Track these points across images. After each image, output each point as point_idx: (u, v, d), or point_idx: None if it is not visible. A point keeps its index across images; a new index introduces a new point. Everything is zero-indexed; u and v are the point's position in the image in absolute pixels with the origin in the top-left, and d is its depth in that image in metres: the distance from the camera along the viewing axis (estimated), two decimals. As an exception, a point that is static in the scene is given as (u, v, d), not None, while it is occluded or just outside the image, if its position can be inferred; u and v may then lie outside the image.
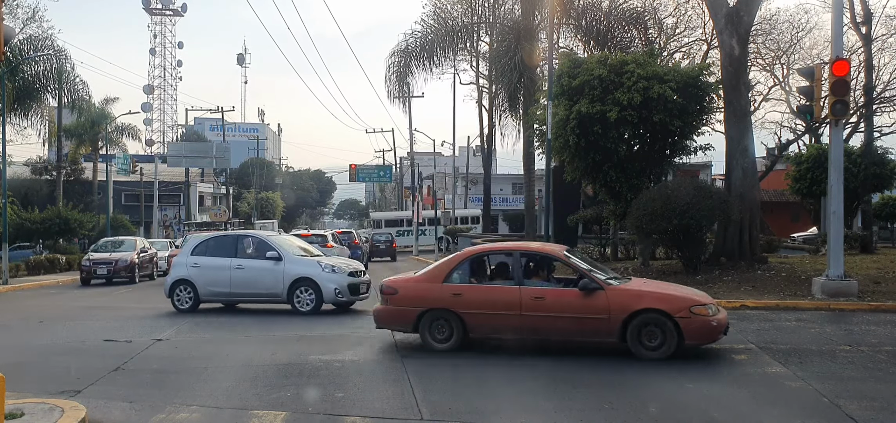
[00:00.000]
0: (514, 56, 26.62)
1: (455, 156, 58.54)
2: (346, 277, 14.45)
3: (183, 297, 15.08)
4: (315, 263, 14.76)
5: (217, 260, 15.00)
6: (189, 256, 15.31)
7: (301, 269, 14.52)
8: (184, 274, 15.11)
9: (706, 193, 17.35)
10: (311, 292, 14.29)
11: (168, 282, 15.42)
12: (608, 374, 8.66)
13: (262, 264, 14.69)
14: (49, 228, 34.69)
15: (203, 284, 14.95)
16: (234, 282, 14.78)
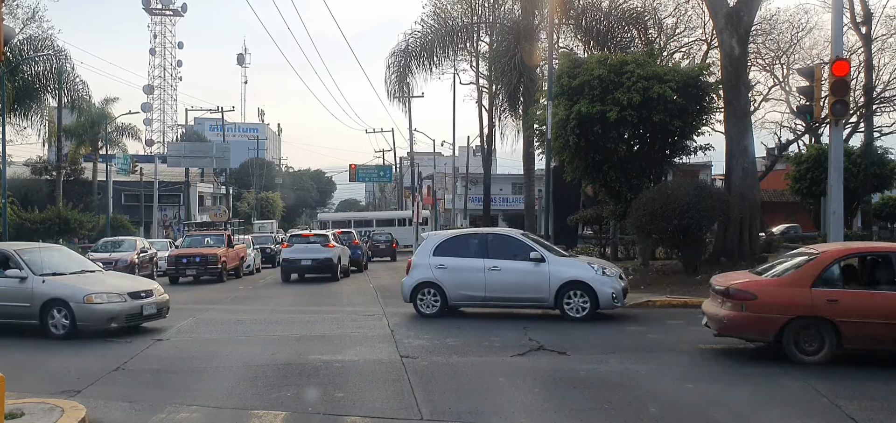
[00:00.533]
0: (514, 56, 26.63)
1: (455, 156, 58.49)
2: (618, 281, 13.12)
3: (428, 301, 13.57)
4: (586, 265, 13.43)
5: (467, 261, 13.50)
6: (432, 256, 13.71)
7: (572, 271, 13.07)
8: (428, 276, 13.57)
9: (706, 193, 17.36)
10: (584, 296, 12.83)
11: (408, 284, 13.79)
12: (608, 374, 8.66)
13: (522, 265, 13.18)
14: (49, 228, 34.70)
15: (453, 287, 13.47)
16: (489, 285, 13.28)
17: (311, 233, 28.26)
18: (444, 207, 62.70)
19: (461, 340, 11.01)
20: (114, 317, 11.62)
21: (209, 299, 18.57)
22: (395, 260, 42.44)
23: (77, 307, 11.49)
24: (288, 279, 24.86)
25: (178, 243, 30.27)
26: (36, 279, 11.78)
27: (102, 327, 11.60)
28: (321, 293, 20.08)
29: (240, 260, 27.80)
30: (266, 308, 16.15)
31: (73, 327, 11.51)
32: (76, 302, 11.50)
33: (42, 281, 11.77)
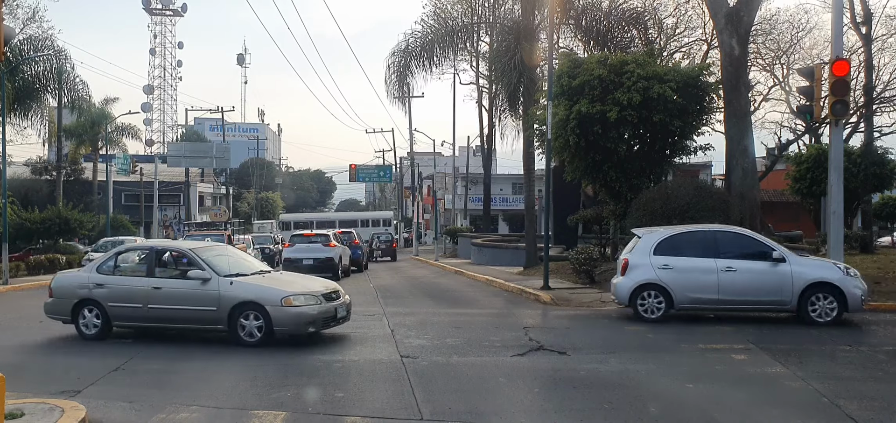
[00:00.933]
0: (514, 56, 26.61)
1: (455, 156, 58.55)
2: (862, 281, 12.12)
3: (650, 305, 12.38)
4: (831, 265, 12.38)
5: (696, 261, 12.34)
6: (652, 255, 12.49)
7: (817, 272, 12.01)
8: (651, 277, 12.38)
9: (706, 193, 17.37)
10: (831, 300, 11.70)
11: (627, 285, 12.61)
12: (608, 374, 8.66)
13: (759, 265, 12.14)
14: (49, 228, 34.67)
15: (680, 289, 12.29)
16: (723, 287, 12.12)
17: (312, 233, 28.34)
18: (444, 207, 62.68)
19: (461, 340, 11.00)
20: (312, 321, 10.66)
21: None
22: (395, 260, 42.50)
23: (274, 311, 10.49)
24: None
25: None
26: (222, 281, 10.88)
27: (301, 332, 10.64)
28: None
29: (240, 260, 27.70)
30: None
31: (269, 332, 10.51)
32: (273, 305, 10.50)
33: (229, 283, 10.86)
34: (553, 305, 15.50)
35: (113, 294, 11.36)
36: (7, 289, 22.76)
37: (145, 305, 11.08)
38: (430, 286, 22.28)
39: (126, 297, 11.31)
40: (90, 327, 11.42)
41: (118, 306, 11.34)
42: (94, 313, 11.43)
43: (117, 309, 11.37)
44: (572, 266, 20.11)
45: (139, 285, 11.32)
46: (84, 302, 11.47)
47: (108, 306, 11.34)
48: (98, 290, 11.42)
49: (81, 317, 11.49)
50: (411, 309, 15.39)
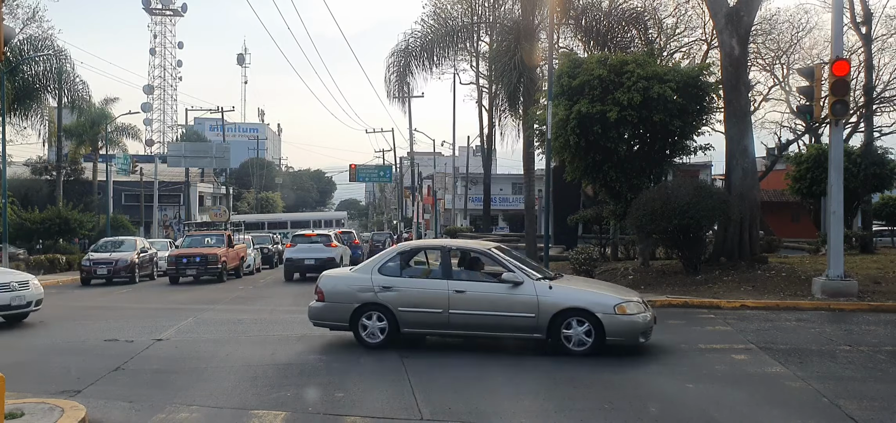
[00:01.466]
0: (514, 56, 26.59)
1: (455, 156, 58.55)
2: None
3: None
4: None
5: None
6: None
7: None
8: None
9: (706, 193, 17.35)
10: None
11: None
12: (608, 374, 8.65)
13: None
14: (49, 228, 34.69)
15: None
16: None
17: (313, 233, 28.41)
18: (444, 206, 62.68)
19: (461, 340, 11.00)
20: (644, 331, 9.73)
21: (209, 299, 18.57)
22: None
23: (607, 319, 9.53)
24: (290, 278, 24.98)
25: (179, 242, 30.27)
26: (538, 285, 9.90)
27: (633, 342, 9.71)
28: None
29: (240, 260, 27.81)
30: (266, 308, 16.15)
31: (601, 342, 9.53)
32: (605, 313, 9.57)
33: (548, 288, 9.88)
34: (553, 305, 15.47)
35: (404, 298, 10.20)
36: (7, 289, 22.72)
37: (446, 311, 9.98)
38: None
39: (421, 301, 10.14)
40: (375, 335, 10.23)
41: (411, 311, 10.16)
42: (379, 319, 10.26)
43: (410, 315, 10.17)
44: (572, 266, 20.12)
45: (436, 289, 10.14)
46: (367, 307, 10.29)
47: (398, 312, 10.17)
48: (386, 293, 10.24)
49: (363, 323, 10.30)
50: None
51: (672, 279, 17.46)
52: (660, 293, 15.85)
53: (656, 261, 21.08)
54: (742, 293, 15.09)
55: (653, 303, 14.65)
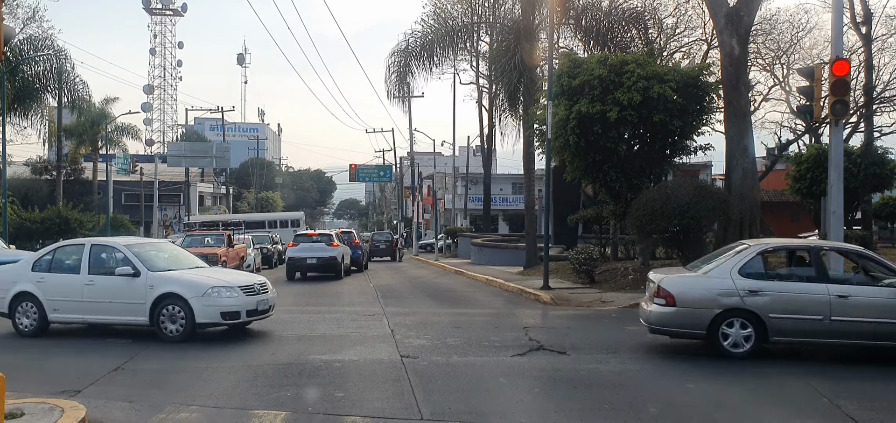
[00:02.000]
0: (514, 56, 26.60)
1: (455, 156, 58.54)
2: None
3: None
4: None
5: None
6: None
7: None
8: None
9: (706, 193, 17.36)
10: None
11: None
12: (608, 374, 8.66)
13: None
14: (49, 228, 34.70)
15: None
16: None
17: (315, 233, 28.52)
18: (444, 206, 62.69)
19: (461, 340, 11.00)
20: None
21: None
22: (395, 259, 42.52)
23: None
24: (292, 277, 25.09)
25: (178, 242, 30.26)
26: None
27: None
28: (321, 293, 20.09)
29: (240, 260, 27.80)
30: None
31: None
32: None
33: None
34: (553, 305, 15.51)
35: (777, 304, 9.29)
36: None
37: (827, 317, 9.13)
38: (429, 286, 22.28)
39: (798, 308, 9.26)
40: (740, 345, 9.40)
41: (786, 318, 9.30)
42: (743, 326, 9.41)
43: (784, 322, 9.31)
44: (572, 266, 20.12)
45: (815, 293, 9.26)
46: (730, 313, 9.43)
47: (769, 319, 9.29)
48: (753, 299, 9.30)
49: (724, 332, 9.44)
50: (411, 309, 15.39)
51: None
52: (660, 293, 15.84)
53: (656, 261, 21.04)
54: (742, 293, 15.05)
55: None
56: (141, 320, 11.23)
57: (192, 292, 11.03)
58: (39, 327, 11.70)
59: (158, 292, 11.10)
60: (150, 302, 11.09)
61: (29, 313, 11.76)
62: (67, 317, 11.77)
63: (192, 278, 11.40)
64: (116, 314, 11.43)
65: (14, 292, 11.81)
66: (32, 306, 11.74)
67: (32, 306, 11.74)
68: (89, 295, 11.48)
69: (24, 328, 11.74)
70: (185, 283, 11.21)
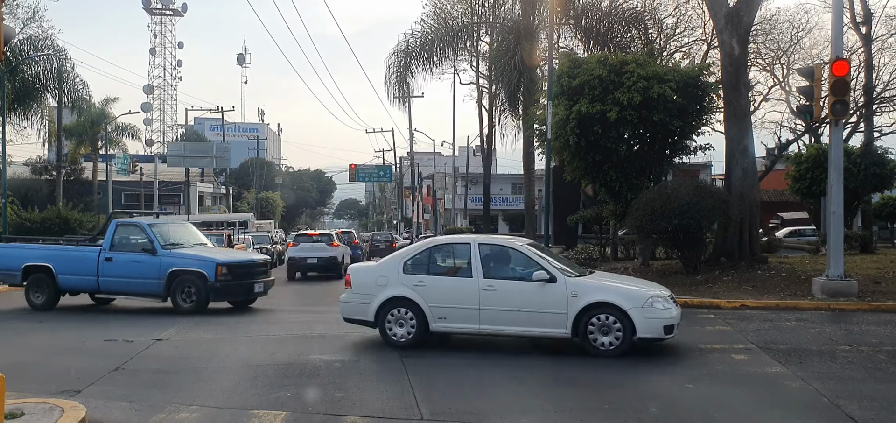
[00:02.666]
0: (514, 56, 26.63)
1: (455, 156, 58.51)
2: None
3: None
4: None
5: None
6: None
7: None
8: None
9: (706, 193, 17.36)
10: None
11: None
12: (608, 374, 8.65)
13: None
14: (49, 228, 34.66)
15: None
16: None
17: (315, 233, 28.67)
18: (443, 206, 62.67)
19: (461, 339, 11.00)
20: None
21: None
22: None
23: None
24: (293, 277, 25.15)
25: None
26: None
27: None
28: (321, 293, 20.09)
29: (240, 260, 27.78)
30: (266, 308, 16.14)
31: None
32: None
33: None
34: (553, 305, 15.47)
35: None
36: (7, 289, 22.72)
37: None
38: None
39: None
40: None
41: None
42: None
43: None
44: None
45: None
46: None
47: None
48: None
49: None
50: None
51: (672, 279, 17.44)
52: (660, 293, 15.85)
53: (656, 261, 21.08)
54: (742, 293, 15.08)
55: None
56: (560, 331, 9.73)
57: (630, 303, 9.51)
58: (418, 338, 10.16)
59: (585, 301, 9.59)
60: (574, 313, 9.58)
61: (405, 321, 10.21)
62: (457, 327, 10.18)
63: (624, 287, 10.07)
64: (526, 325, 9.87)
65: (384, 297, 10.31)
66: (409, 313, 10.18)
67: (409, 314, 10.18)
68: (488, 302, 9.91)
69: (399, 339, 10.22)
70: (619, 292, 9.75)
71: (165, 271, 14.52)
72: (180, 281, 14.53)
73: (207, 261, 14.64)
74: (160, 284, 14.55)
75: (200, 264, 14.62)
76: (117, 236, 15.19)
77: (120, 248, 15.04)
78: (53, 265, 15.32)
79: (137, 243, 14.99)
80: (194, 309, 14.29)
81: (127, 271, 14.83)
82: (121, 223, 15.70)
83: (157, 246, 14.67)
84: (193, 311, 14.20)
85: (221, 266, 14.49)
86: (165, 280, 14.51)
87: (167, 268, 14.54)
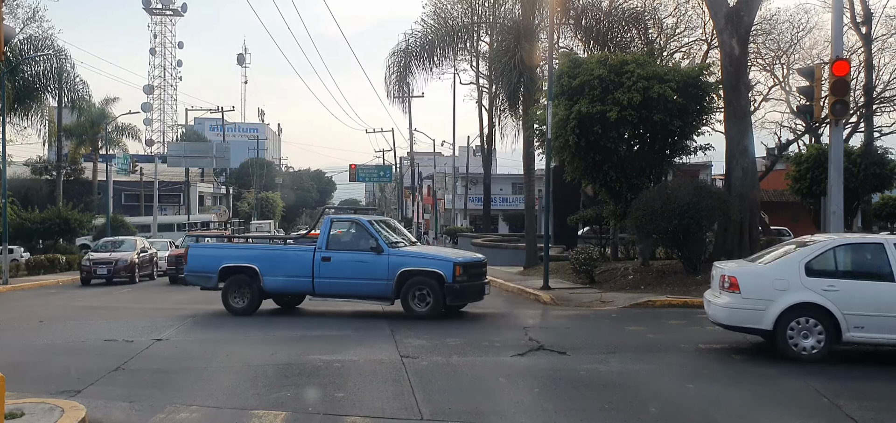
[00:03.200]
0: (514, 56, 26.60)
1: (455, 156, 58.53)
2: None
3: None
4: None
5: None
6: None
7: None
8: None
9: (706, 192, 17.36)
10: None
11: None
12: (608, 374, 8.65)
13: None
14: (49, 228, 34.70)
15: None
16: None
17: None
18: (444, 207, 62.69)
19: (461, 340, 11.00)
20: None
21: (209, 299, 18.52)
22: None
23: None
24: None
25: (178, 242, 30.27)
26: None
27: None
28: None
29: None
30: (266, 308, 16.14)
31: None
32: None
33: None
34: (553, 305, 15.51)
35: None
36: (7, 289, 22.77)
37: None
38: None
39: None
40: None
41: None
42: None
43: None
44: (572, 266, 20.12)
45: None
46: None
47: None
48: None
49: None
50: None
51: (672, 279, 17.46)
52: (660, 293, 15.87)
53: (656, 261, 21.06)
54: (742, 293, 15.05)
55: (653, 303, 14.73)
56: None
57: None
58: (827, 350, 9.07)
59: None
60: None
61: (812, 332, 9.09)
62: (876, 338, 9.09)
63: None
64: None
65: (787, 304, 9.16)
66: (816, 323, 9.08)
67: (816, 325, 9.08)
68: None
69: (802, 352, 9.10)
70: None
71: (395, 271, 13.27)
72: (413, 283, 13.25)
73: (445, 261, 13.43)
74: (388, 285, 13.32)
75: (437, 263, 13.36)
76: (333, 234, 14.03)
77: (337, 247, 13.89)
78: (258, 266, 14.03)
79: (358, 242, 13.79)
80: (429, 314, 13.04)
81: (349, 271, 13.57)
82: (336, 220, 14.54)
83: (382, 245, 13.48)
84: (428, 316, 12.99)
85: (459, 266, 13.20)
86: (394, 282, 13.28)
87: (397, 268, 13.28)
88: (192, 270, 14.73)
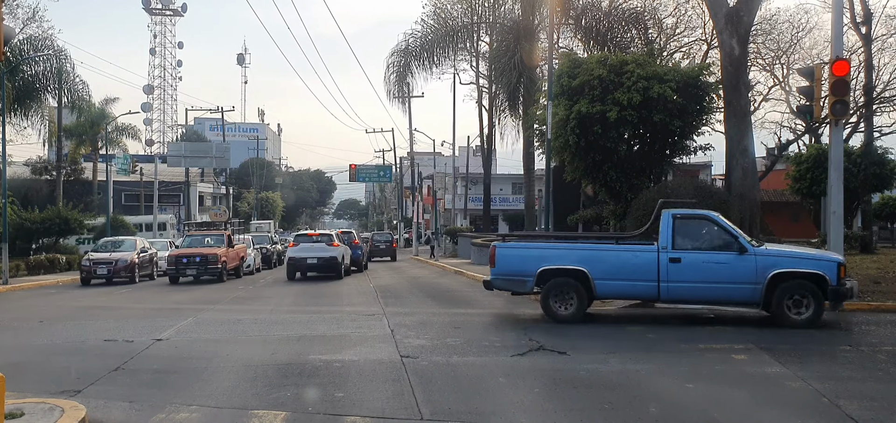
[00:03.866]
0: (514, 56, 26.64)
1: (455, 156, 58.53)
2: None
3: None
4: None
5: None
6: None
7: None
8: None
9: (706, 193, 17.37)
10: None
11: None
12: (608, 374, 8.65)
13: None
14: (49, 228, 34.69)
15: None
16: None
17: (316, 233, 28.63)
18: (444, 207, 62.69)
19: (461, 340, 11.00)
20: None
21: (209, 299, 18.57)
22: (395, 260, 42.51)
23: None
24: (293, 277, 25.17)
25: (178, 243, 30.28)
26: None
27: None
28: (321, 293, 20.09)
29: (240, 260, 27.83)
30: (266, 308, 16.15)
31: None
32: None
33: None
34: (553, 305, 15.46)
35: None
36: (7, 289, 22.77)
37: None
38: (429, 286, 22.27)
39: None
40: None
41: None
42: None
43: None
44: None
45: None
46: None
47: None
48: None
49: None
50: (411, 309, 15.38)
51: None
52: (660, 293, 15.82)
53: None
54: (742, 293, 15.04)
55: (653, 303, 14.68)
56: None
57: None
58: None
59: None
60: None
61: None
62: None
63: None
64: None
65: None
66: None
67: None
68: None
69: None
70: None
71: (765, 274, 11.56)
72: (788, 287, 11.51)
73: (827, 261, 11.76)
74: (756, 290, 11.63)
75: (818, 264, 11.67)
76: (677, 231, 12.23)
77: (687, 246, 12.13)
78: (589, 269, 12.37)
79: (712, 240, 12.11)
80: (808, 323, 11.36)
81: (706, 274, 11.88)
82: (679, 216, 12.41)
83: (744, 243, 11.86)
84: (808, 324, 11.36)
85: (844, 267, 11.70)
86: (764, 286, 11.56)
87: (767, 270, 11.57)
88: (501, 273, 12.97)
